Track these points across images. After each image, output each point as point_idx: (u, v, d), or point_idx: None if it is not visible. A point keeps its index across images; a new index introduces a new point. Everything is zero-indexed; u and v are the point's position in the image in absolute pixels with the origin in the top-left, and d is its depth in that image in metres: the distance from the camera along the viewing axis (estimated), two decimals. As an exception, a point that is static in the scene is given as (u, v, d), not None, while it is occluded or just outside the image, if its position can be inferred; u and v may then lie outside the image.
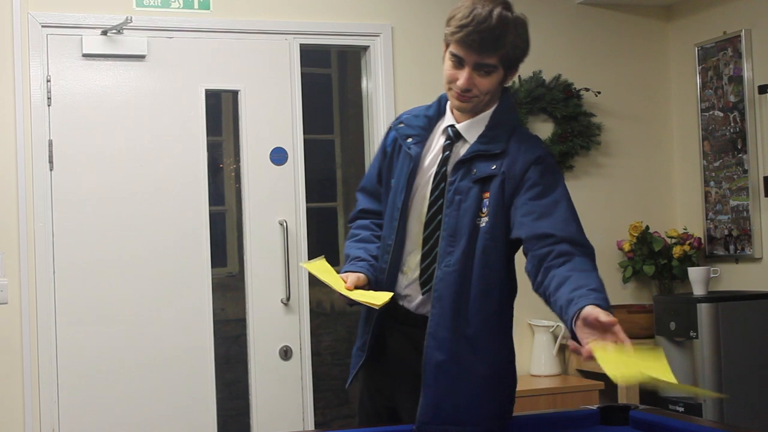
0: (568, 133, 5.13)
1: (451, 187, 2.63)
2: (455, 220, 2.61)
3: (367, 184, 2.94)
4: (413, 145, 2.73)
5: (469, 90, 2.61)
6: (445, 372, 2.60)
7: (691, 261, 5.07)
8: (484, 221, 2.60)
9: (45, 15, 4.40)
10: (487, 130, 2.67)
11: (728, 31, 5.01)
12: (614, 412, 2.71)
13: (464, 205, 2.61)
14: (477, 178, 2.61)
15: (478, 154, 2.63)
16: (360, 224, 2.90)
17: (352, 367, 2.85)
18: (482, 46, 2.56)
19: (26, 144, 4.35)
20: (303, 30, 4.79)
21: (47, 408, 4.32)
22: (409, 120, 2.81)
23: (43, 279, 4.34)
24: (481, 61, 2.58)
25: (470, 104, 2.65)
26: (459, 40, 2.56)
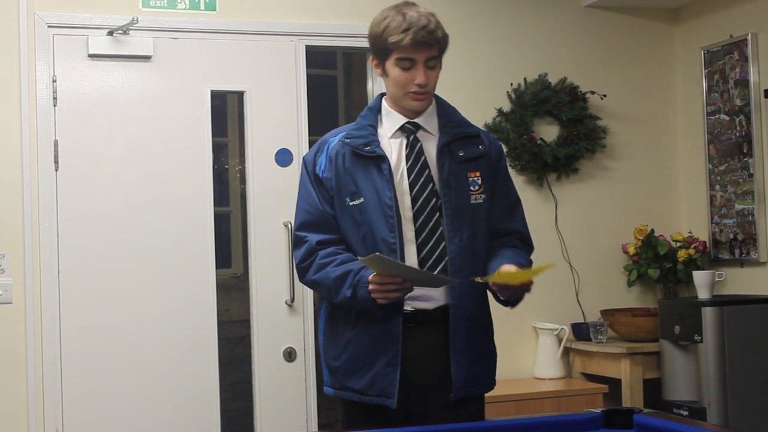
0: (574, 135, 5.13)
1: (443, 170, 2.85)
2: (456, 199, 2.85)
3: (310, 218, 2.92)
4: (377, 148, 2.85)
5: (426, 85, 2.83)
6: (472, 339, 2.87)
7: (696, 265, 5.06)
8: (481, 197, 2.89)
9: (51, 15, 4.41)
10: (444, 119, 2.94)
11: (734, 35, 5.01)
12: (618, 415, 2.71)
13: (460, 185, 2.86)
14: (464, 158, 2.88)
15: (458, 137, 2.90)
16: (326, 253, 2.87)
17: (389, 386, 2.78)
18: (431, 41, 2.79)
19: (32, 144, 4.35)
20: (309, 31, 4.79)
21: (51, 409, 4.32)
22: (353, 134, 2.91)
23: (47, 279, 4.34)
24: (430, 55, 2.82)
25: (426, 101, 2.89)
26: (410, 42, 2.77)
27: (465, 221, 2.85)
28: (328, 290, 2.84)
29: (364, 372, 2.82)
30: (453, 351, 2.83)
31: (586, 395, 4.71)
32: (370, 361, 2.81)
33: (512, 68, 5.13)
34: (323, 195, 2.90)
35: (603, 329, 4.93)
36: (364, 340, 2.82)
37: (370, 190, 2.82)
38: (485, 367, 2.96)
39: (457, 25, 5.04)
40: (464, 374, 2.84)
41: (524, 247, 3.03)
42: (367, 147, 2.86)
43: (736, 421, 4.40)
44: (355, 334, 2.83)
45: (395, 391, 2.77)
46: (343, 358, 2.86)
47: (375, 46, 2.90)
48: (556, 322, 5.03)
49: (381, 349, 2.79)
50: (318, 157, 2.94)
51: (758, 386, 4.50)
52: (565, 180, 5.18)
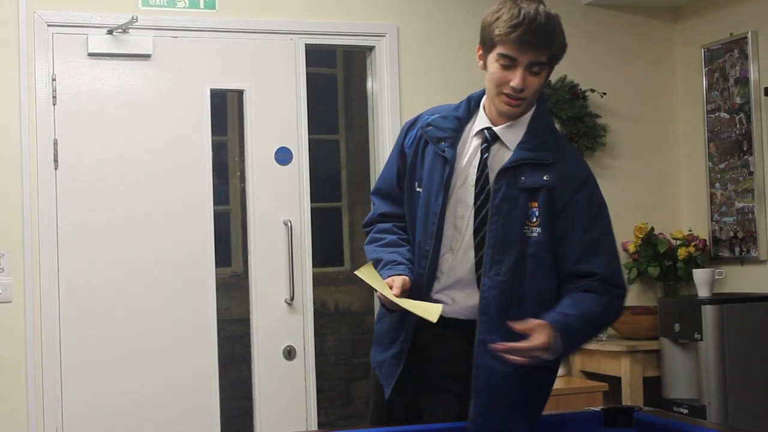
0: (574, 134, 5.13)
1: (497, 195, 2.59)
2: (503, 228, 2.58)
3: (383, 186, 2.87)
4: (447, 148, 2.67)
5: (523, 90, 2.59)
6: (497, 376, 2.58)
7: (696, 263, 5.06)
8: (536, 231, 2.59)
9: (51, 14, 4.40)
10: (528, 135, 2.64)
11: (735, 33, 5.00)
12: (618, 413, 2.71)
13: (512, 214, 2.58)
14: (525, 187, 2.58)
15: (525, 163, 2.59)
16: (382, 228, 2.82)
17: (387, 376, 2.76)
18: (540, 44, 2.56)
19: (31, 143, 4.35)
20: (308, 30, 4.79)
21: (51, 407, 4.32)
22: (437, 122, 2.74)
23: (47, 278, 4.34)
24: (535, 60, 2.57)
25: (521, 107, 2.63)
26: (515, 39, 2.54)
27: (509, 254, 2.58)
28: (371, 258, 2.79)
29: (382, 350, 2.81)
30: (475, 386, 2.60)
31: (585, 393, 4.71)
32: (387, 344, 2.79)
33: (512, 66, 5.12)
34: (402, 169, 2.79)
35: (603, 327, 4.93)
36: (389, 321, 2.79)
37: (427, 187, 2.70)
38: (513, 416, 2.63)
39: (455, 23, 5.05)
40: (482, 418, 2.59)
41: (604, 288, 2.58)
42: (441, 142, 2.68)
43: (736, 419, 4.40)
44: (383, 312, 2.80)
45: (391, 384, 2.73)
46: (377, 326, 2.86)
47: (483, 35, 2.64)
48: (556, 321, 5.02)
49: (396, 339, 2.76)
50: (410, 130, 2.80)
51: (758, 384, 4.50)
52: (565, 178, 5.17)
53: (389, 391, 2.74)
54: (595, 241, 2.61)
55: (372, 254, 2.76)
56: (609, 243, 2.64)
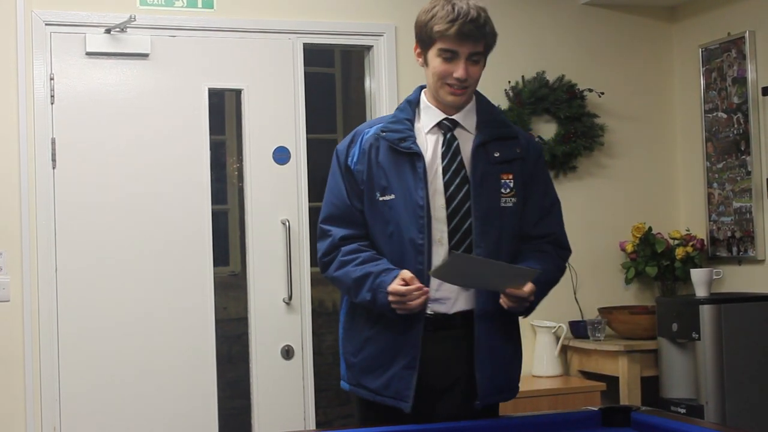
0: (572, 133, 5.13)
1: (476, 171, 2.76)
2: (487, 202, 2.76)
3: (335, 211, 2.85)
4: (412, 144, 2.77)
5: (466, 80, 2.76)
6: (496, 346, 2.79)
7: (694, 262, 5.06)
8: (511, 201, 2.80)
9: (48, 13, 4.40)
10: (483, 117, 2.86)
11: (732, 33, 5.01)
12: (616, 413, 2.71)
13: (491, 187, 2.77)
14: (500, 160, 2.79)
15: (497, 138, 2.81)
16: (348, 249, 2.81)
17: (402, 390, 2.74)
18: (477, 35, 2.73)
19: (29, 142, 4.35)
20: (306, 29, 4.79)
21: (49, 406, 4.32)
22: (389, 127, 2.83)
23: (45, 277, 4.34)
24: (474, 50, 2.75)
25: (465, 96, 2.81)
26: (454, 33, 2.71)
27: (493, 225, 2.76)
28: (348, 289, 2.78)
29: (381, 372, 2.77)
30: (478, 359, 2.75)
31: (583, 393, 4.71)
32: (388, 362, 2.75)
33: (510, 66, 5.13)
34: (353, 188, 2.81)
35: (601, 327, 4.93)
36: (383, 340, 2.77)
37: (401, 188, 2.74)
38: (510, 375, 2.87)
39: (454, 23, 5.05)
40: (489, 382, 2.77)
41: (556, 250, 2.90)
42: (403, 142, 2.77)
43: (734, 418, 4.41)
44: (374, 333, 2.78)
45: (411, 395, 2.72)
46: (361, 355, 2.81)
47: (419, 34, 2.81)
48: (553, 320, 5.03)
49: (400, 351, 2.74)
50: (351, 148, 2.84)
51: (756, 384, 4.50)
52: (563, 178, 5.18)
53: (410, 404, 2.73)
54: (550, 204, 2.91)
55: (352, 274, 2.75)
56: (559, 207, 2.95)
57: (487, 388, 2.76)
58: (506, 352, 2.84)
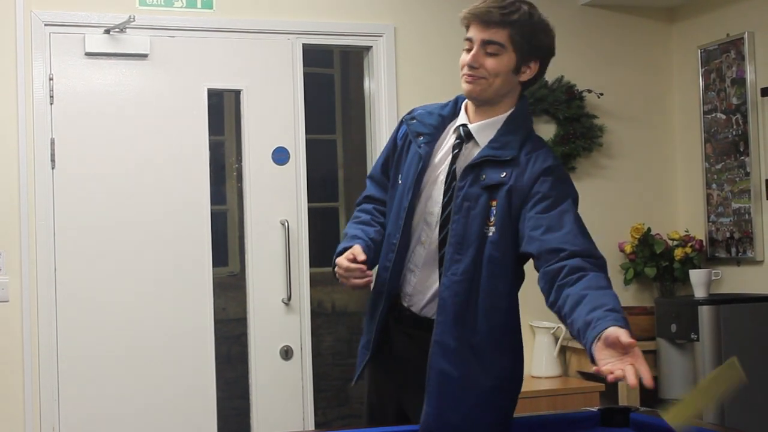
0: (571, 134, 5.13)
1: (460, 193, 2.58)
2: (463, 228, 2.57)
3: (374, 172, 2.95)
4: (423, 144, 2.69)
5: (476, 67, 2.60)
6: (449, 382, 2.57)
7: (693, 263, 5.07)
8: (491, 230, 2.56)
9: (48, 14, 4.40)
10: (499, 134, 2.63)
11: (731, 34, 5.01)
12: (615, 413, 2.71)
13: (473, 213, 2.57)
14: (486, 185, 2.56)
15: (487, 160, 2.58)
16: (363, 208, 2.91)
17: (358, 365, 2.85)
18: (487, 18, 2.56)
19: (28, 142, 4.35)
20: (306, 30, 4.79)
21: (47, 406, 4.32)
22: (422, 116, 2.77)
23: (44, 277, 4.34)
24: (488, 38, 2.58)
25: (478, 86, 2.62)
26: (469, 14, 2.60)
27: (467, 253, 2.56)
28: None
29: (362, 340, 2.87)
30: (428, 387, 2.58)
31: (582, 394, 4.71)
32: (365, 333, 2.85)
33: (509, 67, 5.12)
34: (390, 156, 2.85)
35: (599, 328, 4.92)
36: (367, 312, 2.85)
37: (403, 182, 2.72)
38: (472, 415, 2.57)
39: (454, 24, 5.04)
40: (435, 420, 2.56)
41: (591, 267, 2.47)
42: (419, 137, 2.70)
43: (732, 419, 4.41)
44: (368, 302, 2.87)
45: (358, 372, 2.82)
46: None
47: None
48: (552, 321, 5.03)
49: (368, 328, 2.82)
50: (403, 124, 2.83)
51: (754, 384, 4.49)
52: (561, 178, 5.18)
53: (356, 377, 2.84)
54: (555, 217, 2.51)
55: (347, 229, 2.86)
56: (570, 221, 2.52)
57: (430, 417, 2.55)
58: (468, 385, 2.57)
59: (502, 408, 2.64)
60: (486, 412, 2.59)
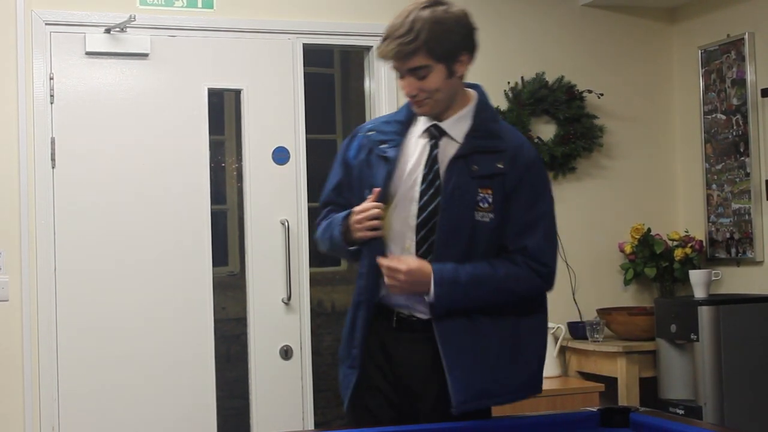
0: (571, 134, 5.13)
1: (448, 184, 2.64)
2: (456, 215, 2.63)
3: (329, 198, 2.90)
4: (389, 149, 2.73)
5: (416, 95, 2.65)
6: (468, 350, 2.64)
7: (693, 264, 5.07)
8: (488, 217, 2.63)
9: (48, 13, 4.40)
10: (476, 125, 2.70)
11: (732, 34, 5.01)
12: (614, 414, 2.71)
13: (464, 201, 2.64)
14: (479, 175, 2.63)
15: (477, 150, 2.66)
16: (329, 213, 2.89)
17: (345, 389, 2.78)
18: (400, 53, 2.61)
19: (29, 141, 4.35)
20: (306, 29, 4.79)
21: (47, 406, 4.32)
22: (378, 127, 2.81)
23: (44, 276, 4.34)
24: (410, 66, 2.63)
25: (427, 107, 2.69)
26: (379, 55, 2.66)
27: (460, 239, 2.64)
28: (320, 242, 2.86)
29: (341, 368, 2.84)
30: (445, 363, 2.64)
31: (582, 394, 4.71)
32: (344, 359, 2.82)
33: (509, 67, 5.13)
34: (347, 179, 2.84)
35: (599, 328, 4.93)
36: (344, 335, 2.83)
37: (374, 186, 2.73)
38: (495, 377, 2.66)
39: (454, 24, 5.05)
40: (463, 389, 2.62)
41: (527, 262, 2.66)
42: (382, 145, 2.73)
43: (732, 419, 4.41)
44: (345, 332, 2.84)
45: (348, 394, 2.77)
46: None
47: None
48: (552, 321, 4.99)
49: (349, 350, 2.78)
50: (352, 142, 2.85)
51: (754, 385, 4.51)
52: (562, 179, 5.18)
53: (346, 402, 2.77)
54: (533, 219, 2.67)
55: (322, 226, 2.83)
56: (546, 222, 2.70)
57: (460, 393, 2.61)
58: (483, 352, 2.66)
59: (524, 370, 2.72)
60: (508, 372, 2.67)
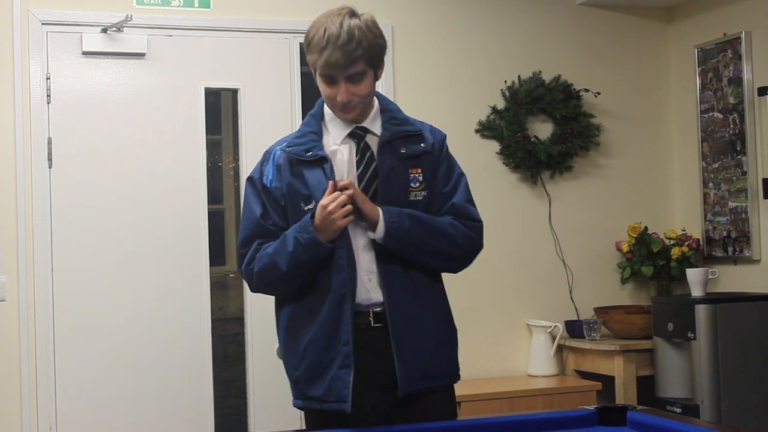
0: (568, 133, 5.13)
1: (383, 167, 2.78)
2: (394, 195, 2.77)
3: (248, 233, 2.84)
4: (319, 151, 2.78)
5: (350, 101, 2.75)
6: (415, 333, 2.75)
7: (690, 262, 5.07)
8: (421, 194, 2.81)
9: (45, 12, 4.40)
10: (386, 118, 2.86)
11: (728, 33, 5.01)
12: (612, 412, 2.71)
13: (398, 182, 2.78)
14: (407, 155, 2.80)
15: (399, 136, 2.82)
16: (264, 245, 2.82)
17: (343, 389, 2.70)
18: (345, 61, 2.70)
19: (25, 141, 4.35)
20: (303, 29, 4.71)
21: (45, 406, 4.32)
22: (294, 142, 2.83)
23: (41, 276, 4.34)
24: (350, 73, 2.72)
25: (357, 111, 2.79)
26: (323, 63, 2.70)
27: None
28: (272, 267, 2.76)
29: (322, 377, 2.75)
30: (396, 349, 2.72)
31: (579, 392, 4.72)
32: (327, 364, 2.74)
33: (506, 66, 5.13)
34: (273, 206, 2.82)
35: (596, 327, 4.94)
36: (319, 342, 2.75)
37: (319, 193, 2.74)
38: (437, 361, 2.81)
39: (450, 23, 5.05)
40: (408, 370, 2.72)
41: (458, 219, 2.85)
42: (308, 153, 2.78)
43: (729, 417, 4.41)
44: (310, 338, 2.77)
45: (349, 395, 2.69)
46: (303, 366, 2.80)
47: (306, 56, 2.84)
48: (549, 320, 5.04)
49: (335, 352, 2.73)
50: (265, 168, 2.85)
51: (751, 383, 4.51)
52: (559, 178, 5.19)
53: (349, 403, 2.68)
54: (453, 187, 2.88)
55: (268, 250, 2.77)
56: (463, 186, 2.90)
57: (405, 374, 2.71)
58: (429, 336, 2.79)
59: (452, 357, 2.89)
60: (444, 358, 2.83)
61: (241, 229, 2.89)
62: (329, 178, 2.74)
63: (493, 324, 5.00)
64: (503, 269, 5.07)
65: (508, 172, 5.11)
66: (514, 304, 5.07)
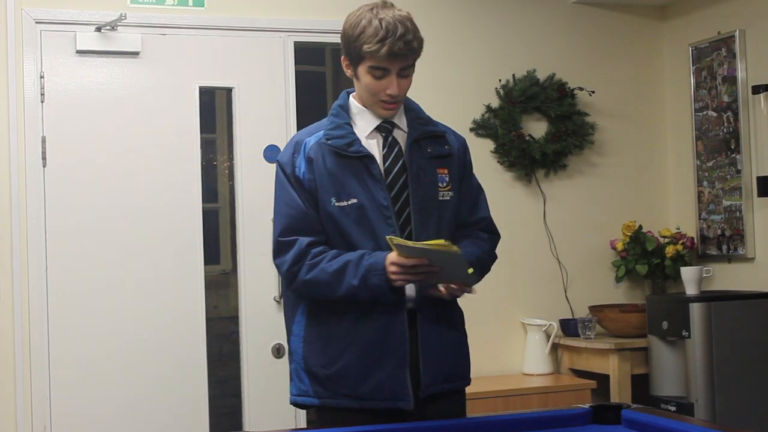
0: (562, 132, 5.14)
1: (412, 166, 2.79)
2: (425, 194, 2.79)
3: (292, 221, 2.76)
4: (361, 147, 2.78)
5: (398, 95, 2.78)
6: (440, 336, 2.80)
7: (684, 261, 5.08)
8: (449, 194, 2.85)
9: (39, 11, 4.39)
10: (411, 116, 2.89)
11: (722, 32, 5.02)
12: (606, 411, 2.71)
13: (428, 181, 2.81)
14: (432, 155, 2.83)
15: (425, 135, 2.85)
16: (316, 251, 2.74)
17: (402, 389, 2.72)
18: (408, 53, 2.73)
19: (19, 140, 4.34)
20: (297, 27, 4.78)
21: (39, 405, 4.31)
22: (332, 134, 2.80)
23: (35, 276, 4.33)
24: (405, 65, 2.75)
25: (397, 108, 2.83)
26: (386, 54, 2.69)
27: (432, 217, 2.79)
28: (326, 286, 2.68)
29: (369, 375, 2.72)
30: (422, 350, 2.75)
31: (574, 391, 4.72)
32: (376, 363, 2.71)
33: (501, 64, 5.13)
34: (305, 197, 2.76)
35: (591, 325, 4.94)
36: (367, 341, 2.72)
37: (361, 191, 2.72)
38: (456, 364, 2.87)
39: (445, 21, 5.05)
40: (432, 372, 2.77)
41: (491, 237, 2.99)
42: (351, 147, 2.75)
43: (724, 416, 4.42)
44: (354, 337, 2.73)
45: (410, 392, 2.71)
46: (340, 364, 2.74)
47: (348, 49, 2.79)
48: (544, 318, 5.04)
49: (388, 350, 2.71)
50: (296, 159, 2.80)
51: (745, 381, 4.52)
52: (553, 176, 5.19)
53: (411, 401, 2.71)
54: (477, 191, 3.00)
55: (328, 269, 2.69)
56: (484, 194, 3.03)
57: (429, 376, 2.76)
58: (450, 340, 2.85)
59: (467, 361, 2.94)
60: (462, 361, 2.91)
61: (280, 214, 2.80)
62: (377, 180, 2.74)
63: (487, 322, 5.00)
64: (498, 268, 5.03)
65: (503, 171, 5.12)
66: (509, 303, 5.07)
